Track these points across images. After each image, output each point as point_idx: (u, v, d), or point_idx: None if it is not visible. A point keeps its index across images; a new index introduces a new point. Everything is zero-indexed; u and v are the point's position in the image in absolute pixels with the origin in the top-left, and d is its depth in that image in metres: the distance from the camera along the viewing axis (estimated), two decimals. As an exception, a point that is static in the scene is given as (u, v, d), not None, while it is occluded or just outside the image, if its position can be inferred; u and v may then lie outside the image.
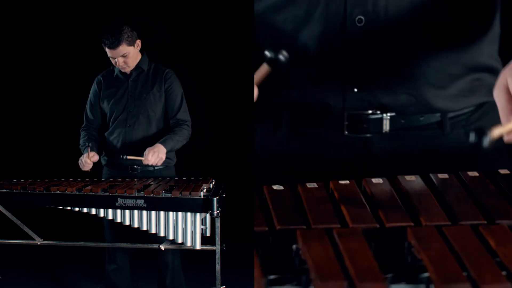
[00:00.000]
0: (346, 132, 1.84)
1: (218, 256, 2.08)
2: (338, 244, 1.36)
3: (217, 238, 2.09)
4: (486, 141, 1.46)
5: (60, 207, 2.24)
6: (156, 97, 2.61)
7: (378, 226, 1.46)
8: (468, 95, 1.84)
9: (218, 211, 2.02)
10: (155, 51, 2.57)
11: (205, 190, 2.13)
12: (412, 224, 1.46)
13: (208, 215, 2.17)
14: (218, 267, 2.09)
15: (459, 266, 1.27)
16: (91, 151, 2.54)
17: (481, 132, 1.47)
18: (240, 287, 2.70)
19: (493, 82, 1.49)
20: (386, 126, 1.83)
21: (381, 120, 1.83)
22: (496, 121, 1.48)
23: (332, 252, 1.33)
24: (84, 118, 2.75)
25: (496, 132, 1.49)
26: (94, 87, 2.71)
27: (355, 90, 1.80)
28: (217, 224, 2.07)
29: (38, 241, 2.39)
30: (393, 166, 1.83)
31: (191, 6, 4.07)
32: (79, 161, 2.58)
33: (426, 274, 1.29)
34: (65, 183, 2.30)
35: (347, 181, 1.64)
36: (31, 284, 3.18)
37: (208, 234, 2.20)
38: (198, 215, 2.06)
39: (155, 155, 2.44)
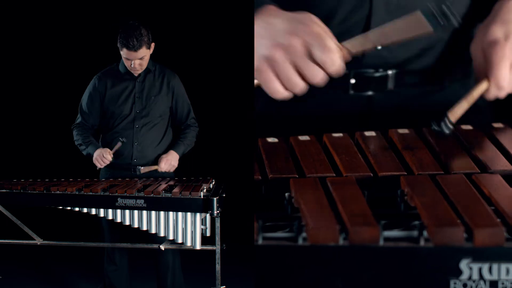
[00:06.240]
0: (352, 92, 1.82)
1: (218, 256, 2.09)
2: (332, 192, 1.37)
3: (217, 238, 2.09)
4: (445, 127, 1.48)
5: (60, 207, 2.24)
6: (164, 99, 2.59)
7: (371, 175, 1.46)
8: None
9: (218, 211, 2.02)
10: (155, 50, 2.55)
11: (205, 190, 2.13)
12: (405, 173, 1.47)
13: (208, 215, 2.17)
14: (218, 267, 2.09)
15: (453, 212, 1.27)
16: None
17: (440, 119, 1.48)
18: (240, 287, 2.70)
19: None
20: (390, 84, 1.82)
21: (386, 77, 1.81)
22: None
23: (325, 199, 1.33)
24: (79, 114, 2.64)
25: (453, 115, 1.49)
26: (95, 83, 2.60)
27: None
28: (217, 224, 2.07)
29: (38, 241, 2.39)
30: (390, 121, 1.81)
31: (191, 6, 4.07)
32: (96, 159, 2.49)
33: (418, 222, 1.28)
34: (65, 183, 2.30)
35: (340, 134, 1.65)
36: (31, 284, 3.18)
37: (208, 234, 2.20)
38: (198, 215, 2.07)
39: (168, 163, 2.53)
